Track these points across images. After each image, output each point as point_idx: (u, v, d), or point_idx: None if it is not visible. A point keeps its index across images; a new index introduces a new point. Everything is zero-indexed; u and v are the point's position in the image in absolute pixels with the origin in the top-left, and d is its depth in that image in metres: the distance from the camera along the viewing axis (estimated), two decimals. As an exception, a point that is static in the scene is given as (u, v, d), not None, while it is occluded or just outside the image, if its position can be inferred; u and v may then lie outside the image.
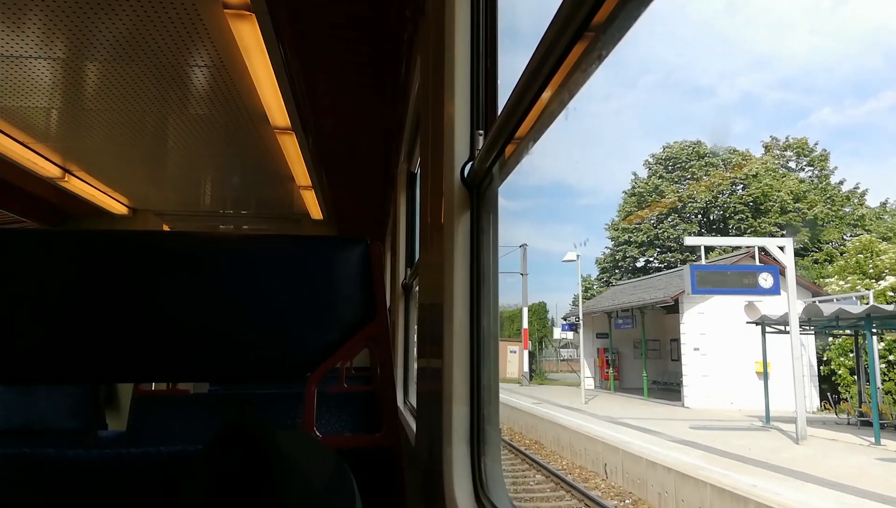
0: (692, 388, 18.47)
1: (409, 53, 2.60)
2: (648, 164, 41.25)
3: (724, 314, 18.69)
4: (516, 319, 42.19)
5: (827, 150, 38.04)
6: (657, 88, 74.82)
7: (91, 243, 1.00)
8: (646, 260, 39.27)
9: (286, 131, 3.35)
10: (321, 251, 1.08)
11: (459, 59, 1.39)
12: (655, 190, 39.55)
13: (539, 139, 1.02)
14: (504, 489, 1.19)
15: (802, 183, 36.36)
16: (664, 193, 39.07)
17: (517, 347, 31.14)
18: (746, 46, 63.40)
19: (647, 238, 38.89)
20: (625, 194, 42.24)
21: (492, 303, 1.28)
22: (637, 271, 38.90)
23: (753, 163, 37.45)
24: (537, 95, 0.88)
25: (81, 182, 4.36)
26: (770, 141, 38.90)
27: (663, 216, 39.05)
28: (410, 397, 3.72)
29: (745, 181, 36.84)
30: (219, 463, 0.77)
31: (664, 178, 39.60)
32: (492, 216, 1.29)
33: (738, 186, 37.33)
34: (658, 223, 39.20)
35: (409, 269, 3.94)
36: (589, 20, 0.70)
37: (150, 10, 2.19)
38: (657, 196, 39.34)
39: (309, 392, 1.05)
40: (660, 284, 23.46)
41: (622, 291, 27.88)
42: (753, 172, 36.96)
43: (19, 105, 3.04)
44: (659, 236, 38.91)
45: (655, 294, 21.08)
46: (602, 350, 25.59)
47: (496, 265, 1.29)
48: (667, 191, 38.93)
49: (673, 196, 38.55)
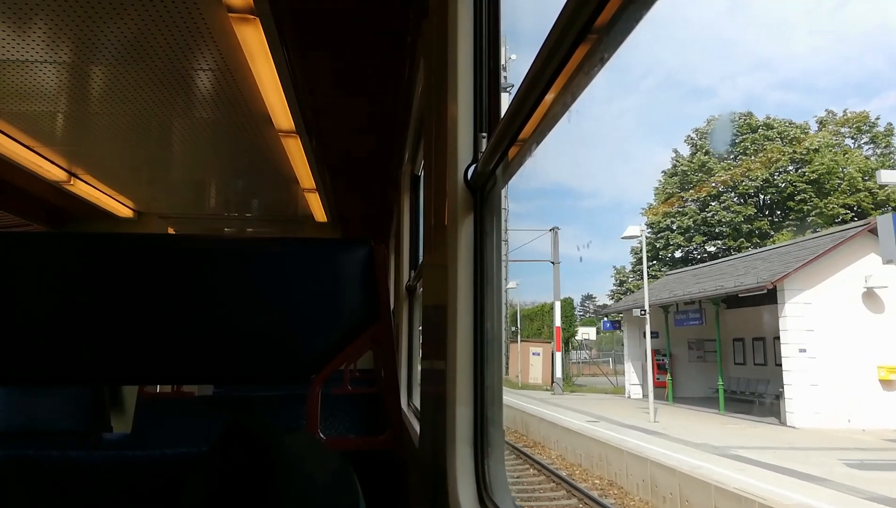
0: (798, 401, 13.77)
1: (412, 56, 2.60)
2: (691, 140, 35.91)
3: (837, 305, 14.07)
4: (536, 317, 38.18)
5: (893, 124, 32.22)
6: (658, 88, 74.67)
7: (96, 245, 1.00)
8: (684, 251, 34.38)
9: (290, 134, 3.36)
10: (325, 254, 1.09)
11: (462, 62, 1.39)
12: (702, 168, 34.36)
13: (542, 142, 1.02)
14: (507, 490, 1.19)
15: (868, 160, 31.02)
16: (713, 170, 34.00)
17: (540, 348, 28.86)
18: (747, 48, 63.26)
19: (694, 223, 33.62)
20: (664, 175, 37.07)
21: (495, 305, 1.28)
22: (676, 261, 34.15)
23: (814, 137, 32.42)
24: (540, 97, 0.89)
25: (87, 185, 4.38)
26: (825, 115, 33.50)
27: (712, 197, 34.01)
28: (414, 399, 3.72)
29: (807, 157, 31.70)
30: (221, 465, 0.77)
31: (711, 154, 34.67)
32: (495, 218, 1.29)
33: (791, 165, 32.49)
34: (705, 207, 34.02)
35: (412, 271, 3.94)
36: (591, 22, 0.70)
37: (155, 15, 2.20)
38: (704, 175, 34.27)
39: (313, 394, 1.06)
40: (734, 269, 18.64)
41: (679, 280, 22.28)
42: (814, 145, 31.81)
43: (25, 109, 3.06)
44: (707, 220, 33.58)
45: (743, 280, 15.79)
46: (653, 352, 20.85)
47: (500, 267, 1.29)
48: (716, 168, 33.83)
49: (723, 174, 33.49)
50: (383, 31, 2.50)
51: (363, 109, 3.38)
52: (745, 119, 34.17)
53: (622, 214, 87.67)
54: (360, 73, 2.91)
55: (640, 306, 19.63)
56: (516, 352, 32.23)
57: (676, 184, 35.55)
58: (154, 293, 0.99)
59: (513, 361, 32.56)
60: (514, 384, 29.33)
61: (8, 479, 0.89)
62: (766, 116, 34.17)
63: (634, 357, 21.22)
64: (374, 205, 5.74)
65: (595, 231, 75.12)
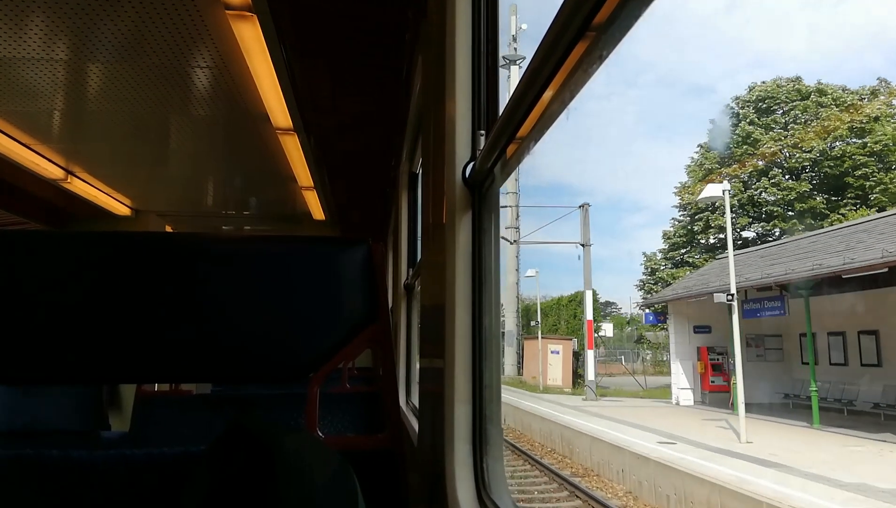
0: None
1: (410, 54, 2.60)
2: (730, 109, 30.88)
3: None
4: (551, 312, 35.62)
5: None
6: (657, 85, 74.77)
7: (93, 244, 1.00)
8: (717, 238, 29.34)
9: (288, 132, 3.36)
10: (323, 252, 1.09)
11: (461, 60, 1.39)
12: (746, 139, 29.32)
13: (540, 139, 1.02)
14: (506, 489, 1.19)
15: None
16: (759, 142, 28.99)
17: (560, 346, 25.31)
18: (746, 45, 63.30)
19: (739, 203, 28.41)
20: (701, 149, 31.87)
21: (493, 303, 1.28)
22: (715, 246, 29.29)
23: (873, 105, 27.71)
24: (538, 94, 0.88)
25: (84, 183, 4.37)
26: (877, 84, 28.85)
27: (761, 173, 28.94)
28: (413, 397, 3.72)
29: (867, 126, 27.11)
30: (221, 464, 0.77)
31: (756, 124, 29.41)
32: (493, 216, 1.29)
33: (849, 136, 27.64)
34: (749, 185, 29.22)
35: (411, 269, 3.94)
36: (590, 20, 0.70)
37: (152, 12, 2.19)
38: (749, 147, 29.28)
39: (312, 393, 1.06)
40: (824, 245, 14.75)
41: (744, 263, 17.31)
42: (874, 114, 27.15)
43: (22, 107, 3.05)
44: (754, 198, 28.92)
45: (855, 255, 11.92)
46: (704, 350, 17.68)
47: (498, 265, 1.29)
48: (763, 140, 28.79)
49: (773, 145, 28.42)
50: (382, 30, 2.50)
51: (361, 108, 3.38)
52: (794, 84, 29.89)
53: (620, 212, 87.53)
54: (358, 71, 2.91)
55: (694, 293, 16.40)
56: (533, 350, 28.13)
57: (716, 159, 30.56)
58: (151, 292, 0.99)
59: (529, 360, 29.35)
60: (533, 387, 25.30)
61: (8, 478, 0.89)
62: (817, 82, 30.04)
63: (683, 356, 17.87)
64: (372, 203, 5.74)
65: (593, 229, 75.00)
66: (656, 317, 21.80)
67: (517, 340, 33.50)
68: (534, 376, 26.84)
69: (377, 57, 2.73)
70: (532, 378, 27.15)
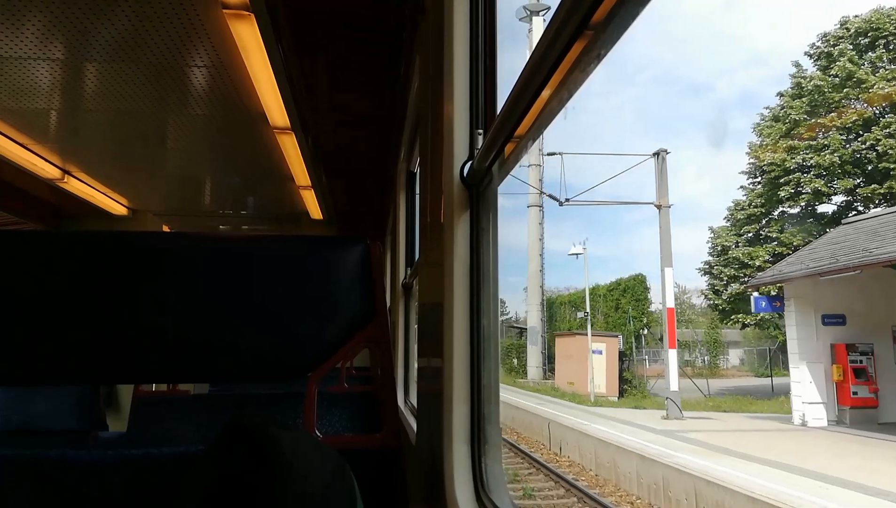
0: None
1: (408, 53, 2.60)
2: (817, 50, 23.19)
3: None
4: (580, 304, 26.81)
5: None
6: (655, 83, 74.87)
7: (90, 243, 1.00)
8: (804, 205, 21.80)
9: (285, 131, 3.35)
10: (321, 251, 1.08)
11: (459, 59, 1.39)
12: (847, 81, 21.87)
13: (538, 138, 1.02)
14: (505, 488, 1.19)
15: None
16: (866, 83, 21.56)
17: (603, 344, 19.88)
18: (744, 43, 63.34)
19: (840, 160, 21.32)
20: (780, 98, 23.82)
21: (492, 302, 1.28)
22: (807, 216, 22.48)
23: None
24: (536, 93, 0.88)
25: (81, 183, 4.36)
26: None
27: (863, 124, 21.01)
28: (411, 397, 3.73)
29: None
30: (220, 462, 0.77)
31: (856, 63, 21.89)
32: (491, 215, 1.29)
33: None
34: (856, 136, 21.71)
35: (409, 268, 3.94)
36: (588, 19, 0.69)
37: (149, 11, 2.18)
38: (852, 89, 21.87)
39: (309, 393, 1.05)
40: None
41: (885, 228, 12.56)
42: None
43: (18, 106, 3.04)
44: (861, 154, 21.40)
45: None
46: (841, 349, 12.50)
47: (496, 264, 1.29)
48: (873, 80, 21.41)
49: (886, 86, 20.72)
50: (379, 29, 2.50)
51: (359, 107, 3.38)
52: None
53: (619, 210, 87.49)
54: (355, 70, 2.91)
55: (841, 266, 11.08)
56: (568, 349, 22.13)
57: (803, 107, 22.85)
58: (148, 291, 0.98)
59: (562, 361, 22.94)
60: (571, 395, 18.92)
61: (5, 478, 0.89)
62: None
63: (811, 356, 12.71)
64: (369, 202, 5.74)
65: (591, 226, 74.30)
66: (770, 303, 15.80)
67: (542, 337, 27.50)
68: (570, 381, 20.87)
69: (375, 56, 2.73)
70: (569, 384, 20.77)
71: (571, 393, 19.36)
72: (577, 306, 28.98)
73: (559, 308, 31.39)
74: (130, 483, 0.91)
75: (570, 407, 16.07)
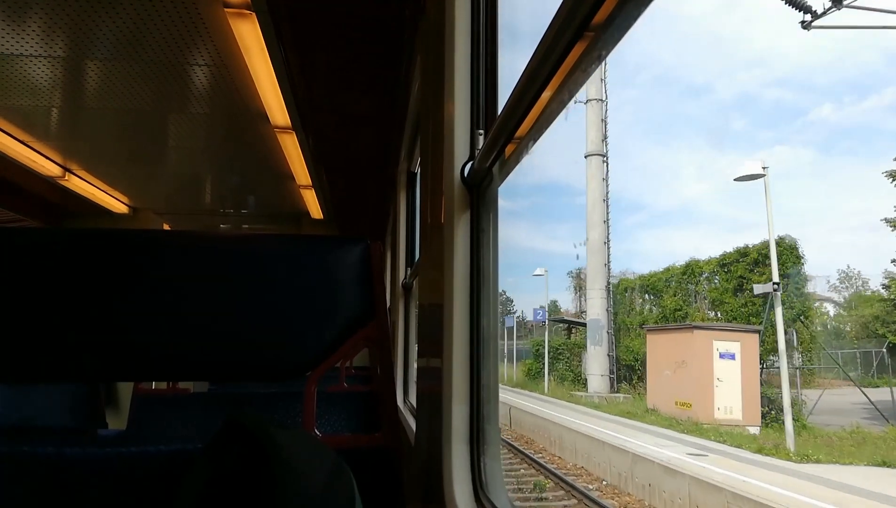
0: None
1: (409, 53, 2.60)
2: None
3: None
4: (664, 287, 19.90)
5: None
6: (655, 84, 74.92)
7: (91, 241, 1.00)
8: None
9: (286, 130, 3.36)
10: (321, 251, 1.09)
11: (459, 59, 1.39)
12: None
13: (539, 139, 1.02)
14: (503, 488, 1.19)
15: None
16: None
17: (736, 344, 13.00)
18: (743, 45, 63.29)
19: None
20: None
21: (492, 302, 1.28)
22: None
23: None
24: (537, 94, 0.88)
25: (82, 181, 4.36)
26: None
27: None
28: (410, 396, 3.73)
29: None
30: (218, 461, 0.77)
31: None
32: (492, 216, 1.29)
33: None
34: None
35: (409, 268, 3.94)
36: (589, 20, 0.70)
37: (151, 9, 2.19)
38: None
39: (309, 392, 1.06)
40: None
41: None
42: None
43: (20, 104, 3.04)
44: None
45: None
46: None
47: (496, 265, 1.29)
48: None
49: None
50: (380, 29, 2.50)
51: (360, 106, 3.38)
52: None
53: (619, 210, 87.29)
54: (356, 69, 2.91)
55: None
56: (671, 351, 14.27)
57: None
58: (148, 290, 0.98)
59: (658, 368, 14.74)
60: (703, 429, 11.29)
61: (3, 476, 0.89)
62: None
63: None
64: (370, 202, 5.74)
65: (588, 227, 73.55)
66: None
67: (608, 334, 19.53)
68: (681, 401, 13.48)
69: (376, 56, 2.73)
70: (680, 406, 13.43)
71: (687, 419, 12.39)
72: (657, 292, 20.47)
73: (622, 296, 22.52)
74: (129, 481, 0.91)
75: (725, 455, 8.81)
